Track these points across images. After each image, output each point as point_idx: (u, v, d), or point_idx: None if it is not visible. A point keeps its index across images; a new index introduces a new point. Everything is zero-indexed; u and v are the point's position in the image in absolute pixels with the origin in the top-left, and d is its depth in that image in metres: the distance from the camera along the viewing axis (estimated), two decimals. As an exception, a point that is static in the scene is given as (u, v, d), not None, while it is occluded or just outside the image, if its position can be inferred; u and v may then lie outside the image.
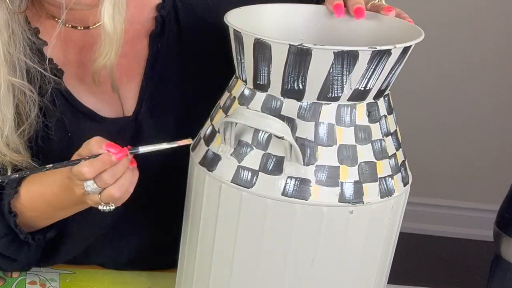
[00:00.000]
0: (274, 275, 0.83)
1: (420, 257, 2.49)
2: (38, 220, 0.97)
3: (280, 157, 0.80)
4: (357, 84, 0.79)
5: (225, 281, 0.85)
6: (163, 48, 1.00)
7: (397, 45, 0.78)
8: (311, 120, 0.80)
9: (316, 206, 0.79)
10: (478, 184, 2.62)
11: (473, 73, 2.52)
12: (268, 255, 0.82)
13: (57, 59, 0.97)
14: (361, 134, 0.81)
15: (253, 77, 0.82)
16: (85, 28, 0.98)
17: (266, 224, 0.81)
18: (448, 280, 2.32)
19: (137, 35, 1.01)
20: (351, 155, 0.80)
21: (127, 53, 0.98)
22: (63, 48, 0.99)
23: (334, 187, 0.80)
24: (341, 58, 0.76)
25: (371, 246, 0.84)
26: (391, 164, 0.83)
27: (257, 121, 0.78)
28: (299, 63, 0.77)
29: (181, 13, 1.00)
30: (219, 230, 0.84)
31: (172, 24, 1.00)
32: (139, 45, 1.01)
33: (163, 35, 1.00)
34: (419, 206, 2.59)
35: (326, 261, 0.82)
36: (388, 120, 0.84)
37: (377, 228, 0.83)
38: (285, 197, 0.79)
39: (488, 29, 2.47)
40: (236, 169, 0.82)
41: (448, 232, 2.67)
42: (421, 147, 2.53)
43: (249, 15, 0.87)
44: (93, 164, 0.83)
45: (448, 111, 2.56)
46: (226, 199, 0.83)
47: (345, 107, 0.80)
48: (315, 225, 0.80)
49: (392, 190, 0.83)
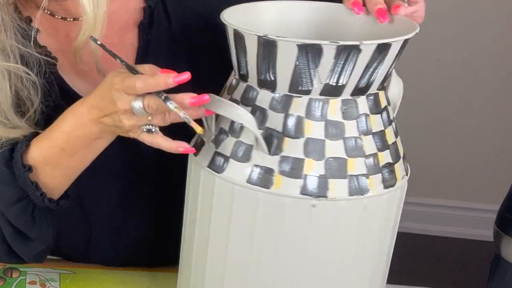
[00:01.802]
0: (241, 262, 0.84)
1: (420, 257, 2.52)
2: (52, 179, 0.94)
3: (249, 145, 0.82)
4: (328, 79, 0.79)
5: (202, 257, 0.89)
6: (153, 39, 1.02)
7: (363, 41, 0.77)
8: (282, 111, 0.81)
9: (277, 196, 0.80)
10: (478, 184, 2.64)
11: (473, 72, 2.54)
12: (235, 241, 0.84)
13: (49, 47, 1.00)
14: (332, 130, 0.80)
15: (237, 68, 0.85)
16: (75, 20, 1.01)
17: (233, 210, 0.83)
18: (448, 280, 2.31)
19: (125, 25, 1.03)
20: (318, 149, 0.80)
21: (116, 43, 1.00)
22: (55, 38, 1.01)
23: (297, 178, 0.80)
24: (305, 51, 0.77)
25: (342, 244, 0.83)
26: (368, 164, 0.82)
27: (227, 111, 0.81)
28: (268, 54, 0.79)
29: (169, 3, 1.02)
30: (199, 217, 0.88)
31: (161, 14, 1.02)
32: (127, 36, 1.03)
33: (152, 26, 1.02)
34: (419, 206, 2.60)
35: (290, 253, 0.82)
36: (371, 119, 0.83)
37: (346, 226, 0.82)
38: (250, 185, 0.81)
39: (489, 28, 2.47)
40: (213, 154, 0.85)
41: (448, 232, 2.69)
42: (421, 147, 2.57)
43: (249, 12, 0.90)
44: (146, 81, 0.79)
45: (448, 111, 2.59)
46: (203, 183, 0.86)
47: (317, 101, 0.80)
48: (277, 215, 0.81)
49: (365, 190, 0.81)
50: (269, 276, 0.84)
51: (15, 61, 0.93)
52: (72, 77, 1.01)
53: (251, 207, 0.82)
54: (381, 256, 0.88)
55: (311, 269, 0.83)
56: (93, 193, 1.05)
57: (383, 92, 0.85)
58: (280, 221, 0.81)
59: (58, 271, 1.10)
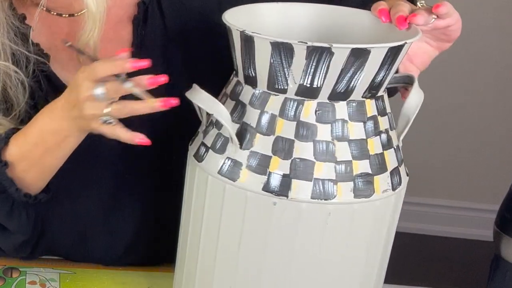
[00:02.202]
0: (209, 249, 0.86)
1: (420, 257, 2.52)
2: (28, 175, 0.96)
3: (227, 138, 0.84)
4: (301, 80, 0.79)
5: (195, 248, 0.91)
6: (147, 34, 1.03)
7: (334, 44, 0.77)
8: (258, 108, 0.82)
9: (240, 189, 0.82)
10: (478, 184, 2.65)
11: (473, 72, 2.54)
12: (206, 231, 0.87)
13: (43, 44, 1.01)
14: (303, 131, 0.80)
15: (232, 64, 0.87)
16: (70, 16, 1.02)
17: (207, 200, 0.86)
18: (448, 280, 2.32)
19: (120, 21, 1.04)
20: (286, 149, 0.81)
21: (112, 38, 1.02)
22: (49, 35, 1.02)
23: (261, 175, 0.81)
24: (278, 49, 0.78)
25: (303, 247, 0.82)
26: (338, 170, 0.81)
27: (205, 103, 0.83)
28: (249, 50, 0.81)
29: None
30: (186, 203, 0.91)
31: (155, 10, 1.03)
32: (123, 31, 1.04)
33: (147, 21, 1.03)
34: (419, 206, 2.62)
35: (251, 248, 0.83)
36: (349, 126, 0.82)
37: (308, 229, 0.81)
38: (219, 176, 0.83)
39: (489, 28, 2.47)
40: (199, 144, 0.88)
41: (448, 232, 2.69)
42: (421, 147, 2.55)
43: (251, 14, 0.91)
44: (106, 63, 0.83)
45: (447, 111, 2.58)
46: (190, 172, 0.89)
47: (291, 101, 0.81)
48: (240, 208, 0.82)
49: (330, 195, 0.80)
50: (231, 269, 0.85)
51: (6, 59, 0.96)
52: (66, 73, 1.02)
53: (219, 198, 0.84)
54: (355, 265, 0.86)
55: (272, 266, 0.83)
56: (85, 188, 1.06)
57: (372, 101, 0.84)
58: (242, 214, 0.82)
59: (58, 271, 1.11)
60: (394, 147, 0.87)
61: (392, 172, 0.86)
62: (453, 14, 0.91)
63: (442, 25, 0.91)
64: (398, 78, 0.92)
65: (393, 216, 0.88)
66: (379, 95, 0.85)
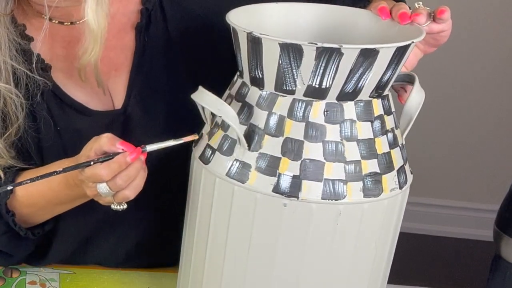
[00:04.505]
0: (217, 252, 0.86)
1: (420, 257, 2.51)
2: (36, 216, 1.00)
3: (234, 140, 0.84)
4: (310, 80, 0.79)
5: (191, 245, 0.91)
6: (150, 40, 1.02)
7: (344, 45, 0.77)
8: (266, 109, 0.82)
9: (250, 191, 0.82)
10: (478, 184, 2.64)
11: (473, 72, 2.52)
12: (213, 234, 0.86)
13: (44, 54, 1.00)
14: (312, 132, 0.80)
15: (237, 64, 0.87)
16: (72, 24, 1.00)
17: (214, 202, 0.85)
18: (448, 280, 2.33)
19: (123, 28, 1.02)
20: (295, 150, 0.81)
21: (115, 46, 1.01)
22: (50, 44, 1.01)
23: (271, 176, 0.81)
24: (287, 51, 0.78)
25: (313, 247, 0.82)
26: (348, 170, 0.81)
27: (212, 105, 0.82)
28: (256, 51, 0.81)
29: (166, 5, 1.02)
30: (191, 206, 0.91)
31: (158, 16, 1.02)
32: (126, 38, 1.03)
33: (149, 28, 1.02)
34: (419, 206, 2.60)
35: (261, 250, 0.83)
36: (357, 126, 0.82)
37: (319, 229, 0.81)
38: (228, 178, 0.83)
39: (489, 28, 2.46)
40: (205, 146, 0.87)
41: (448, 232, 2.69)
42: (421, 147, 2.55)
43: (256, 14, 0.91)
44: (110, 167, 0.85)
45: (448, 111, 2.57)
46: (195, 174, 0.89)
47: (300, 102, 0.81)
48: (249, 210, 0.82)
49: (341, 195, 0.81)
50: (240, 273, 0.85)
51: (7, 79, 0.96)
52: (67, 82, 1.02)
53: (228, 200, 0.83)
54: (364, 264, 0.86)
55: (282, 268, 0.83)
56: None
57: (379, 101, 0.84)
58: (252, 216, 0.82)
59: (58, 271, 1.11)
60: (399, 146, 0.87)
61: (399, 170, 0.86)
62: (448, 20, 0.93)
63: (436, 29, 0.93)
64: (399, 77, 0.92)
65: (399, 214, 0.88)
66: (385, 94, 0.85)
